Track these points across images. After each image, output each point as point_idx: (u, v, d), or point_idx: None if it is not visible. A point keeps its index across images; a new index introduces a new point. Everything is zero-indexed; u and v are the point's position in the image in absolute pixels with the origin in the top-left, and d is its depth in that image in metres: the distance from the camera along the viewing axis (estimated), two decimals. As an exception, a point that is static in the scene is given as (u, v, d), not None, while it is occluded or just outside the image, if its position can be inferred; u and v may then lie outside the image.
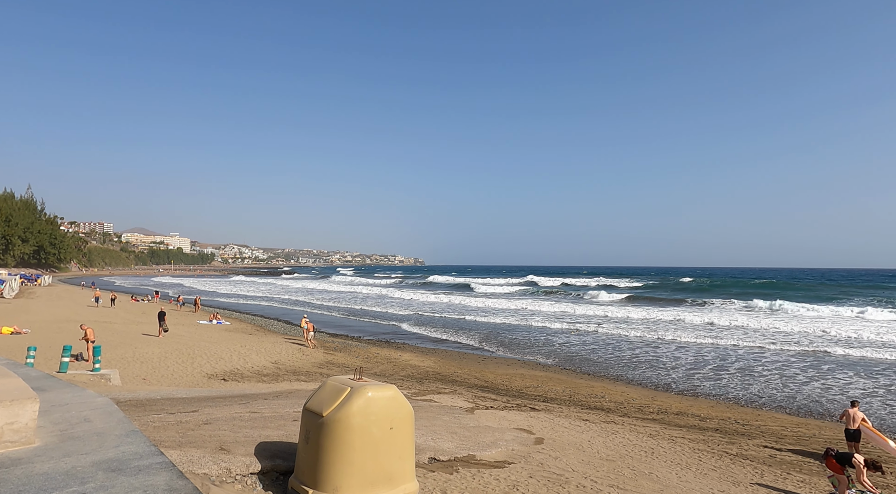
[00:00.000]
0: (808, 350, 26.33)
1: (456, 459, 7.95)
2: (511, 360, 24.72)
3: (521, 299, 62.92)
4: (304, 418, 5.66)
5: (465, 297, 66.59)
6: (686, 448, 11.10)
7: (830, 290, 73.29)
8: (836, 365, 22.65)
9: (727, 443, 11.99)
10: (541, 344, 29.27)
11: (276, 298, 66.09)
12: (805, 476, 9.79)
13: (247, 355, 22.17)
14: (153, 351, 21.13)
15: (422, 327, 36.79)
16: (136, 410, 9.77)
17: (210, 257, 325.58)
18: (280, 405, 11.34)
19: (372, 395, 5.42)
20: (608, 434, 11.74)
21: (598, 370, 22.47)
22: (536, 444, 9.83)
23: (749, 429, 13.88)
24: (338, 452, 5.23)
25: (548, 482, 7.45)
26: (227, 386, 16.35)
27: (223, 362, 20.34)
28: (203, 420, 8.73)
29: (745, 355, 25.24)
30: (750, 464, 10.30)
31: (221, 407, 10.53)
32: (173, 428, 7.80)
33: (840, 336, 30.29)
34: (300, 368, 20.34)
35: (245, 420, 8.84)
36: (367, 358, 23.76)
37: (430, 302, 59.74)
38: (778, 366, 22.46)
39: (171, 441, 6.77)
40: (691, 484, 8.59)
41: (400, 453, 5.54)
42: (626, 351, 26.82)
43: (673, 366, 22.86)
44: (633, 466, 9.21)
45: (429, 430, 9.67)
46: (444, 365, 22.91)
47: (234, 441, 7.01)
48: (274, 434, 7.73)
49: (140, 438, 5.17)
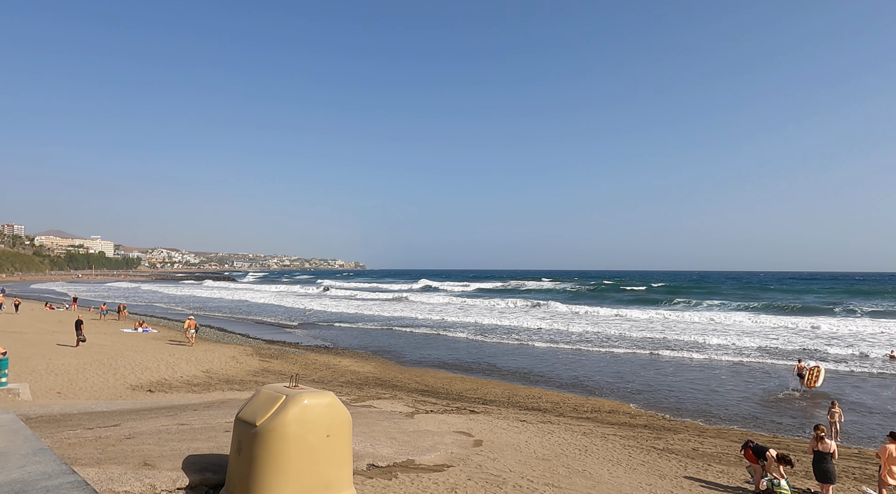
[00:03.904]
0: (645, 352, 28.17)
1: (395, 464, 7.90)
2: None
3: (395, 303, 64.40)
4: (237, 428, 5.45)
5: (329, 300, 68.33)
6: (617, 445, 11.57)
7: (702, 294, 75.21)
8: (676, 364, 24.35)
9: (655, 439, 12.60)
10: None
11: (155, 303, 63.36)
12: (724, 467, 10.44)
13: (176, 364, 21.07)
14: (70, 363, 19.66)
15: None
16: (49, 426, 9.05)
17: (136, 262, 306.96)
18: (211, 415, 10.86)
19: (308, 403, 5.30)
20: (545, 433, 12.04)
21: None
22: (475, 446, 9.94)
23: (675, 425, 14.66)
24: (272, 462, 5.07)
25: (486, 483, 7.55)
26: (153, 397, 15.47)
27: (149, 372, 19.23)
28: (125, 434, 8.21)
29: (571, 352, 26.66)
30: (675, 458, 10.86)
31: (146, 420, 9.95)
32: (91, 445, 7.29)
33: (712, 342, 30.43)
34: (234, 377, 19.56)
35: (172, 433, 8.39)
36: (306, 364, 23.18)
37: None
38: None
39: (88, 458, 6.32)
40: (621, 479, 8.96)
41: (338, 461, 5.44)
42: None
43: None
44: (567, 464, 9.50)
45: (368, 436, 9.56)
46: (384, 370, 22.72)
47: (160, 455, 6.65)
48: (204, 446, 7.39)
49: (50, 456, 4.79)
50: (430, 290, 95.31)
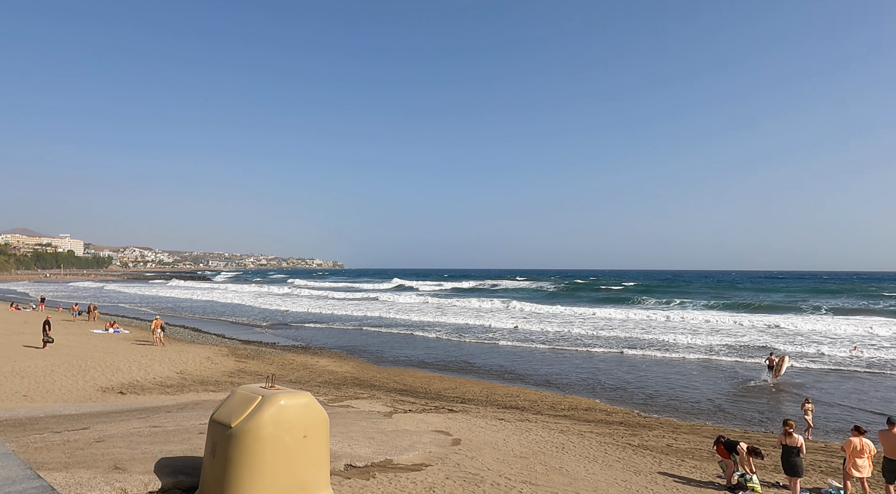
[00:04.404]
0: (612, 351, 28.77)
1: (373, 464, 7.87)
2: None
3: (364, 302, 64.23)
4: (211, 430, 5.37)
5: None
6: (594, 442, 11.72)
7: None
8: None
9: (630, 435, 12.80)
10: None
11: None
12: (697, 462, 10.66)
13: (148, 365, 20.61)
14: (37, 365, 19.07)
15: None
16: (14, 430, 8.77)
17: (107, 261, 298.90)
18: (185, 417, 10.66)
19: (284, 403, 5.25)
20: (522, 432, 12.13)
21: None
22: (453, 445, 9.96)
23: (649, 421, 14.91)
24: (247, 464, 5.01)
25: (464, 482, 7.57)
26: (124, 399, 15.11)
27: (121, 374, 18.77)
28: (95, 437, 8.01)
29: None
30: (650, 454, 11.05)
31: (117, 423, 9.72)
32: (59, 449, 7.09)
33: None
34: (208, 378, 19.22)
35: (144, 436, 8.22)
36: (282, 365, 22.92)
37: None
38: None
39: (55, 462, 6.15)
40: (598, 476, 9.09)
41: (315, 461, 5.41)
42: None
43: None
44: (545, 462, 9.59)
45: (346, 437, 9.50)
46: (362, 370, 22.60)
47: (132, 458, 6.50)
48: (177, 448, 7.25)
49: (14, 461, 4.64)
50: (403, 290, 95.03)
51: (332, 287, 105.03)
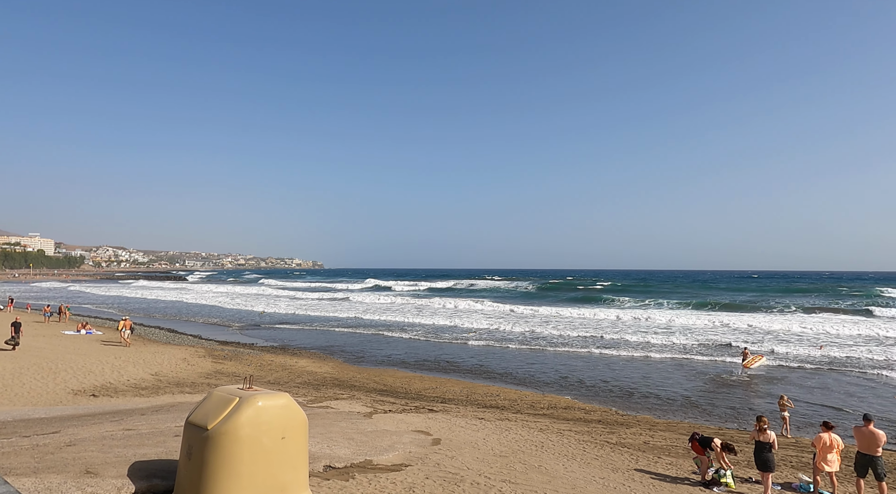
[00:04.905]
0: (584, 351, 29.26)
1: (352, 465, 7.83)
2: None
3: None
4: (187, 432, 5.29)
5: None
6: (572, 440, 11.83)
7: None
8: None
9: (608, 433, 12.96)
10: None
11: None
12: (673, 459, 10.85)
13: (122, 367, 20.17)
14: (4, 367, 18.51)
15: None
16: (-19, 435, 8.51)
17: (79, 260, 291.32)
18: (160, 420, 10.47)
19: (262, 404, 5.20)
20: (502, 431, 12.19)
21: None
22: (433, 445, 9.97)
23: (627, 419, 15.12)
24: (224, 466, 4.94)
25: (444, 481, 7.58)
26: (97, 402, 14.77)
27: (93, 376, 18.33)
28: (66, 441, 7.81)
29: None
30: (627, 451, 11.21)
31: (89, 426, 9.50)
32: (27, 453, 6.90)
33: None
34: (184, 379, 18.89)
35: (118, 439, 8.04)
36: (261, 365, 22.64)
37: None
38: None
39: (23, 467, 5.99)
40: (576, 474, 9.18)
41: (293, 463, 5.36)
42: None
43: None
44: (524, 460, 9.65)
45: (325, 438, 9.43)
46: (342, 370, 22.46)
47: (104, 462, 6.36)
48: (152, 452, 7.12)
49: (-17, 466, 4.51)
50: (379, 290, 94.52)
51: (306, 287, 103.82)
